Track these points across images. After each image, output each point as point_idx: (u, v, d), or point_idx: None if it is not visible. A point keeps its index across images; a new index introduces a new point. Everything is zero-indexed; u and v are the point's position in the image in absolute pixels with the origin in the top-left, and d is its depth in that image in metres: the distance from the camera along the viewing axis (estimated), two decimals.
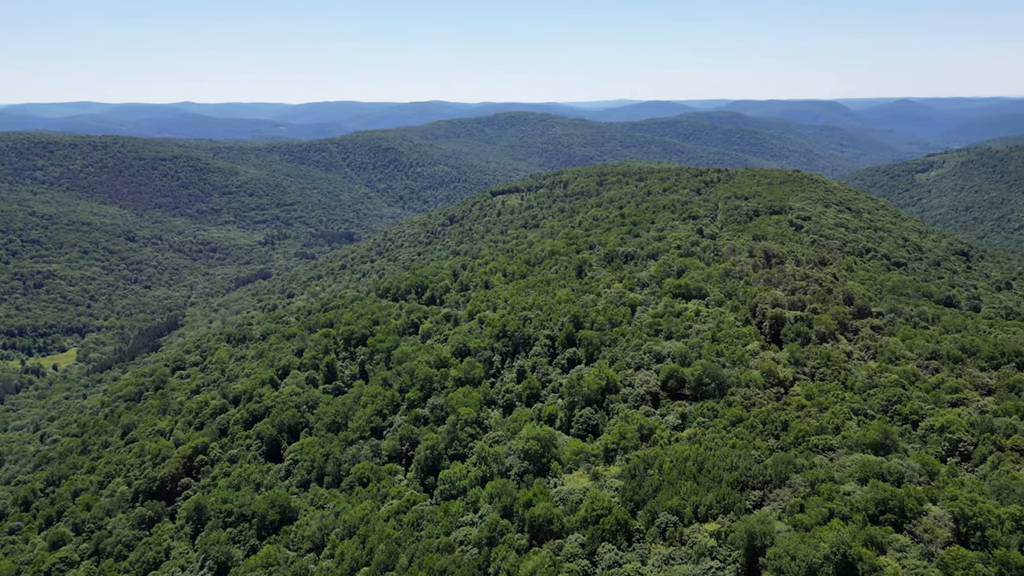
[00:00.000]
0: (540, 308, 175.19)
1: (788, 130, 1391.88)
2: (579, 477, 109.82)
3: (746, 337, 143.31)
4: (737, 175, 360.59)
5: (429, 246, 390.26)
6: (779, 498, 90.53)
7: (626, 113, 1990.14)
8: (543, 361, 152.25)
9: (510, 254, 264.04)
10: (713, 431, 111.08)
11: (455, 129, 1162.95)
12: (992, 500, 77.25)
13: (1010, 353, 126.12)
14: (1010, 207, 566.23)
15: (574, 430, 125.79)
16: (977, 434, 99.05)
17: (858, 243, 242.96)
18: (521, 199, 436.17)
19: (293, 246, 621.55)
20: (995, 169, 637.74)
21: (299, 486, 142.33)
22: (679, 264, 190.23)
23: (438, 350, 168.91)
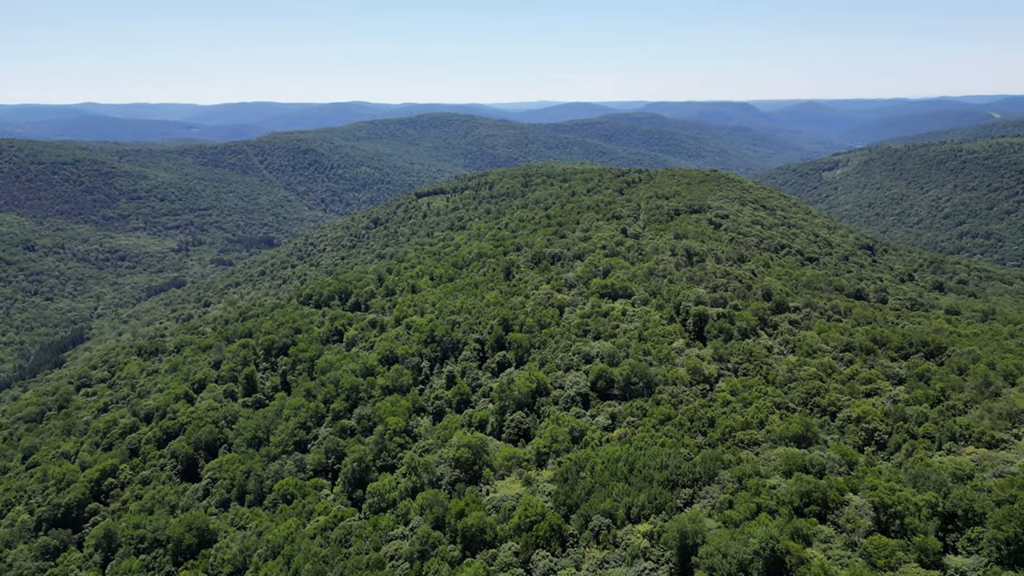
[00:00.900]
0: (469, 311, 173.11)
1: (704, 131, 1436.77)
2: (512, 483, 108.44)
3: (672, 335, 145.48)
4: (657, 175, 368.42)
5: (353, 250, 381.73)
6: (709, 495, 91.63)
7: (548, 114, 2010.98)
8: (473, 366, 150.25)
9: (437, 257, 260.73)
10: (643, 430, 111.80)
11: (377, 130, 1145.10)
12: (909, 488, 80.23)
13: (917, 343, 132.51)
14: (909, 203, 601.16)
15: (506, 435, 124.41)
16: (891, 423, 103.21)
17: (773, 240, 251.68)
18: (447, 201, 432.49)
19: (209, 252, 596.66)
20: (894, 167, 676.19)
21: (218, 506, 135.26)
22: (605, 264, 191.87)
23: (364, 358, 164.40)
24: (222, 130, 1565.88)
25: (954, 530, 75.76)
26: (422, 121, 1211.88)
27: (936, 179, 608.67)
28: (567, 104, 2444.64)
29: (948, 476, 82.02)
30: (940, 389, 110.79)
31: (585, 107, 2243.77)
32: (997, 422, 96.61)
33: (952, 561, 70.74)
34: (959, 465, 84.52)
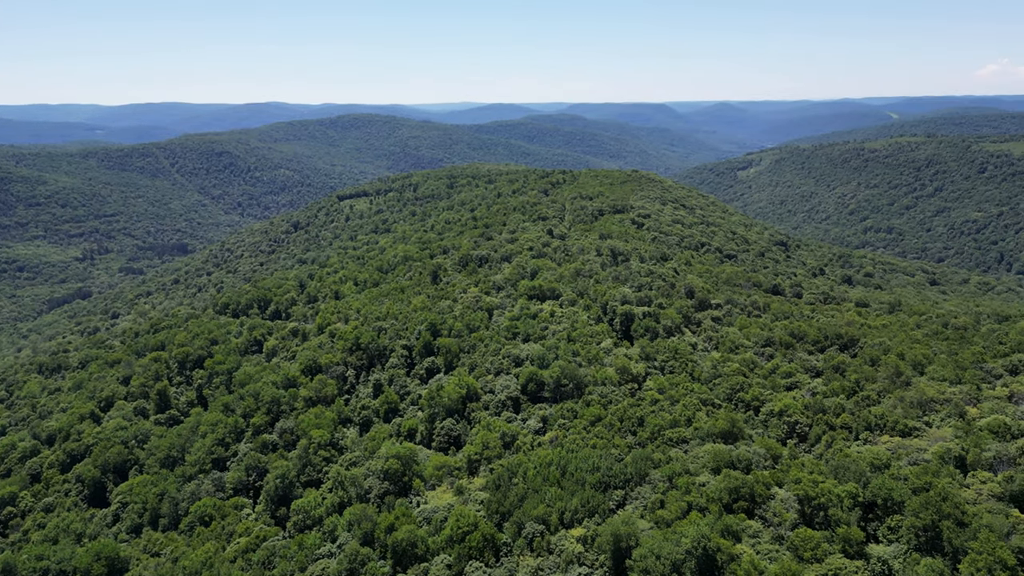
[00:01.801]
0: (395, 317, 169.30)
1: (624, 132, 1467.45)
2: (443, 493, 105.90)
3: (599, 335, 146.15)
4: (581, 176, 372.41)
5: (272, 255, 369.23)
6: (640, 496, 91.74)
7: (471, 116, 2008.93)
8: (400, 373, 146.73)
9: (361, 261, 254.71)
10: (574, 432, 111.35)
11: (296, 131, 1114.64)
12: (831, 479, 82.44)
13: (832, 336, 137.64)
14: (817, 200, 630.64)
15: (436, 443, 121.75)
16: (811, 415, 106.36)
17: (694, 238, 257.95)
18: (370, 203, 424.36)
19: (117, 261, 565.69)
20: (803, 165, 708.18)
21: (130, 532, 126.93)
22: (532, 266, 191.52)
23: (285, 369, 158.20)
24: (129, 132, 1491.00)
25: (874, 519, 78.25)
26: (343, 122, 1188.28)
27: (841, 177, 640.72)
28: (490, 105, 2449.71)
29: (867, 466, 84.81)
30: (855, 380, 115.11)
31: (508, 108, 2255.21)
32: (909, 411, 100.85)
33: (874, 550, 72.88)
34: (876, 455, 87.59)
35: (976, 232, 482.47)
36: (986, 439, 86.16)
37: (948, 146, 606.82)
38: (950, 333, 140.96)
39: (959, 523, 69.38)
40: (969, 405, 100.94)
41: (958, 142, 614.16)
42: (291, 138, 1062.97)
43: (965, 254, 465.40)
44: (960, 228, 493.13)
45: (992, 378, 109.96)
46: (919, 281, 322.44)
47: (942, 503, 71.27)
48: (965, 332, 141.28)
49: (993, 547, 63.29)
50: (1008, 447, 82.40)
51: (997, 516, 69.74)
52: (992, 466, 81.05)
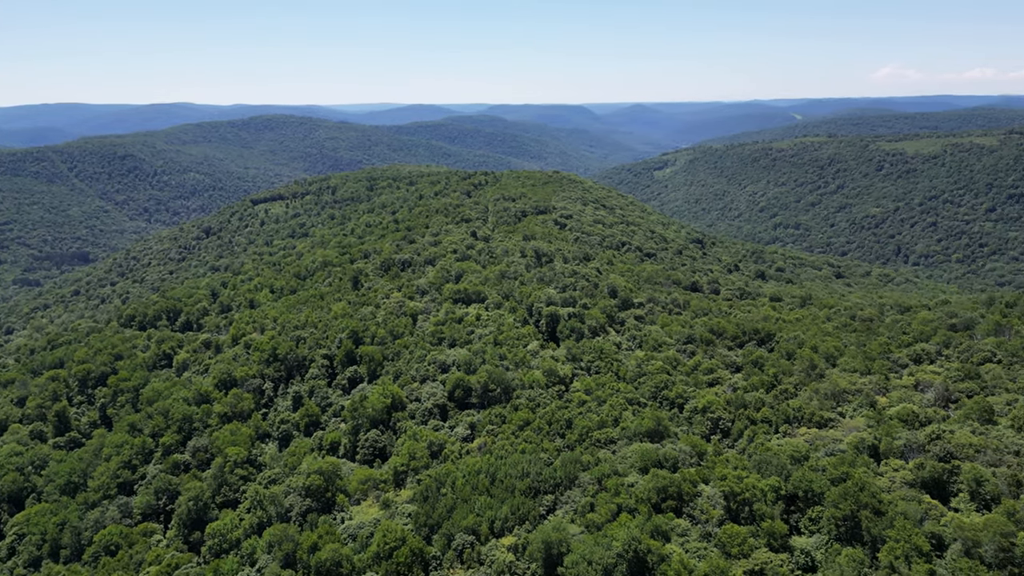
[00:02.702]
0: (315, 325, 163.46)
1: (544, 133, 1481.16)
2: (369, 507, 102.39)
3: (526, 337, 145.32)
4: (503, 177, 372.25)
5: (183, 263, 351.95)
6: (570, 500, 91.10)
7: (391, 116, 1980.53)
8: (322, 384, 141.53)
9: (277, 268, 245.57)
10: (502, 438, 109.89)
11: (206, 133, 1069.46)
12: (754, 474, 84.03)
13: (750, 332, 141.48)
14: (730, 198, 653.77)
15: (360, 456, 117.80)
16: (733, 411, 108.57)
17: (615, 238, 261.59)
18: (286, 207, 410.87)
19: (11, 272, 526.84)
20: (716, 165, 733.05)
21: (27, 567, 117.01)
22: (457, 268, 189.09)
23: (197, 383, 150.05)
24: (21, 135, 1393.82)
25: (796, 511, 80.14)
26: (256, 123, 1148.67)
27: (752, 176, 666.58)
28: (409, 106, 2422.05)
29: (787, 459, 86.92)
30: (773, 374, 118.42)
31: (427, 109, 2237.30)
32: (824, 402, 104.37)
33: (797, 542, 74.56)
34: (796, 447, 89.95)
35: (875, 226, 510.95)
36: (896, 427, 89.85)
37: (848, 145, 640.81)
38: (858, 325, 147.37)
39: (876, 512, 71.70)
40: (879, 395, 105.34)
41: (857, 142, 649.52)
42: (201, 140, 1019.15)
43: (866, 247, 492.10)
44: (861, 223, 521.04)
45: (899, 367, 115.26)
46: (826, 274, 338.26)
47: (859, 493, 73.53)
48: (871, 324, 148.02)
49: (909, 534, 65.58)
50: (917, 435, 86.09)
51: (911, 503, 72.49)
52: (903, 454, 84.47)
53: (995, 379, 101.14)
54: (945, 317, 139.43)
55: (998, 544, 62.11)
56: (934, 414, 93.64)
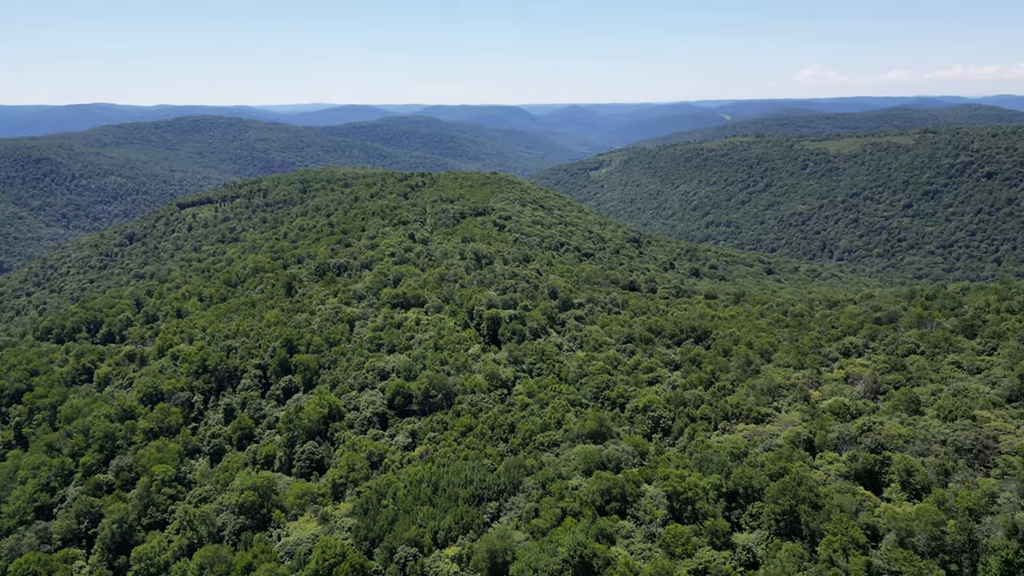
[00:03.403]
0: (247, 334, 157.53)
1: (481, 134, 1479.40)
2: (306, 523, 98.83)
3: (467, 341, 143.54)
4: (441, 178, 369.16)
5: (104, 271, 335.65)
6: (515, 506, 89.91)
7: (324, 117, 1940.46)
8: (255, 395, 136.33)
9: (206, 274, 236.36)
10: (445, 445, 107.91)
11: (128, 135, 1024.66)
12: (696, 472, 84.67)
13: (687, 329, 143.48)
14: (664, 197, 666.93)
15: (297, 469, 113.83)
16: (673, 409, 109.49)
17: (553, 238, 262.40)
18: (215, 211, 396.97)
19: None
20: (650, 165, 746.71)
21: None
22: (395, 272, 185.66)
23: (121, 398, 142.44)
24: None
25: (737, 507, 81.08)
26: (182, 124, 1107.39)
27: (684, 175, 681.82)
28: (343, 107, 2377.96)
29: (727, 456, 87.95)
30: (711, 371, 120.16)
31: (362, 110, 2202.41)
32: (760, 398, 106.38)
33: (739, 539, 75.34)
34: (735, 444, 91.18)
35: (802, 223, 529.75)
36: (829, 421, 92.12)
37: (775, 145, 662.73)
38: (789, 320, 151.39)
39: (814, 506, 73.07)
40: (812, 388, 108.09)
41: (783, 141, 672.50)
42: (123, 142, 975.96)
43: (794, 244, 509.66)
44: (788, 220, 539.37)
45: (829, 361, 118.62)
46: (757, 271, 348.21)
47: (797, 488, 74.82)
48: (802, 319, 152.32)
49: (846, 527, 66.95)
50: (849, 427, 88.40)
51: (846, 495, 74.17)
52: (837, 446, 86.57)
53: (919, 370, 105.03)
54: (870, 311, 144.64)
55: (930, 533, 64.00)
56: (864, 406, 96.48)
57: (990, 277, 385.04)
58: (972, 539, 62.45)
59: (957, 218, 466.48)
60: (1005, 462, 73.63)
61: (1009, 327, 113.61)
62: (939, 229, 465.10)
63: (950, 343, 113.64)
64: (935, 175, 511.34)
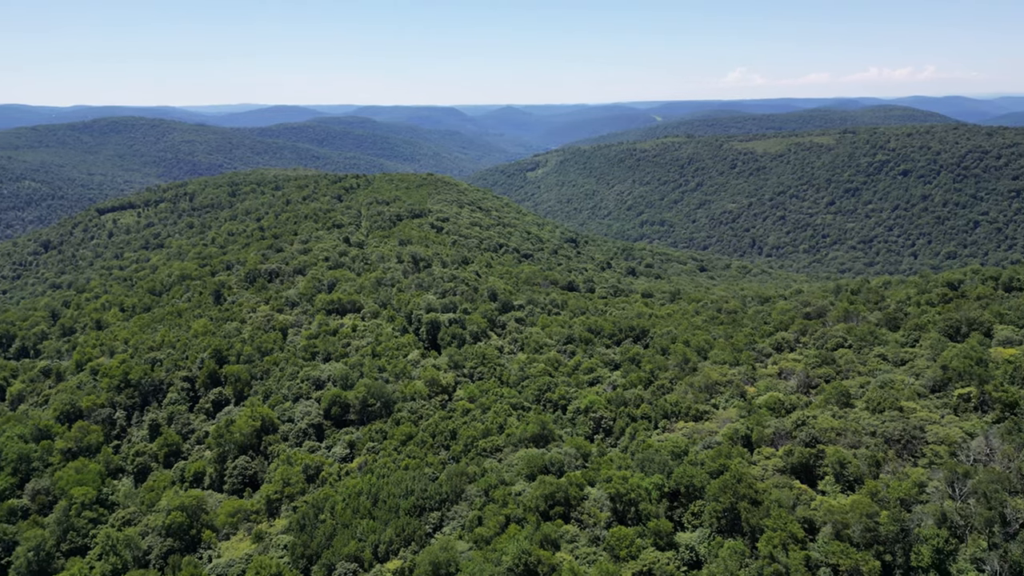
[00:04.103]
0: (172, 345, 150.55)
1: (416, 134, 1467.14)
2: (240, 542, 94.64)
3: (406, 347, 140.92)
4: (376, 180, 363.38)
5: (17, 281, 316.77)
6: (458, 515, 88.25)
7: (253, 118, 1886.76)
8: (182, 409, 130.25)
9: (129, 283, 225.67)
10: (384, 455, 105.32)
11: (43, 137, 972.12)
12: (638, 473, 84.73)
13: (625, 329, 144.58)
14: (600, 197, 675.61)
15: (229, 485, 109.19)
16: (614, 409, 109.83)
17: (492, 240, 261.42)
18: (139, 216, 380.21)
19: None
20: (585, 165, 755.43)
21: None
22: (329, 277, 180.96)
23: (36, 417, 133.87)
24: None
25: (680, 506, 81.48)
26: (100, 126, 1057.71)
27: (618, 175, 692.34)
28: (273, 107, 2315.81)
29: (668, 455, 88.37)
30: (650, 370, 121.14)
31: (293, 110, 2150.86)
32: (698, 395, 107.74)
33: (681, 538, 75.58)
34: (675, 443, 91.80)
35: (732, 221, 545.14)
36: (765, 416, 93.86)
37: (705, 145, 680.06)
38: (724, 317, 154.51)
39: (753, 502, 73.97)
40: (747, 384, 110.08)
41: (712, 142, 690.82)
42: (37, 144, 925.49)
43: (725, 241, 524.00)
44: (719, 218, 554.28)
45: (763, 357, 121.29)
46: (691, 269, 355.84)
47: (737, 485, 75.62)
48: (736, 315, 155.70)
49: (785, 522, 67.96)
50: (784, 422, 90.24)
51: (783, 490, 75.44)
52: (773, 441, 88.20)
53: (848, 363, 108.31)
54: (800, 306, 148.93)
55: (864, 525, 65.53)
56: (798, 400, 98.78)
57: (908, 270, 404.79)
58: (904, 529, 64.21)
59: (876, 214, 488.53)
60: (932, 452, 76.33)
61: (929, 319, 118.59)
62: (860, 225, 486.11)
63: (875, 336, 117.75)
64: (855, 173, 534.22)
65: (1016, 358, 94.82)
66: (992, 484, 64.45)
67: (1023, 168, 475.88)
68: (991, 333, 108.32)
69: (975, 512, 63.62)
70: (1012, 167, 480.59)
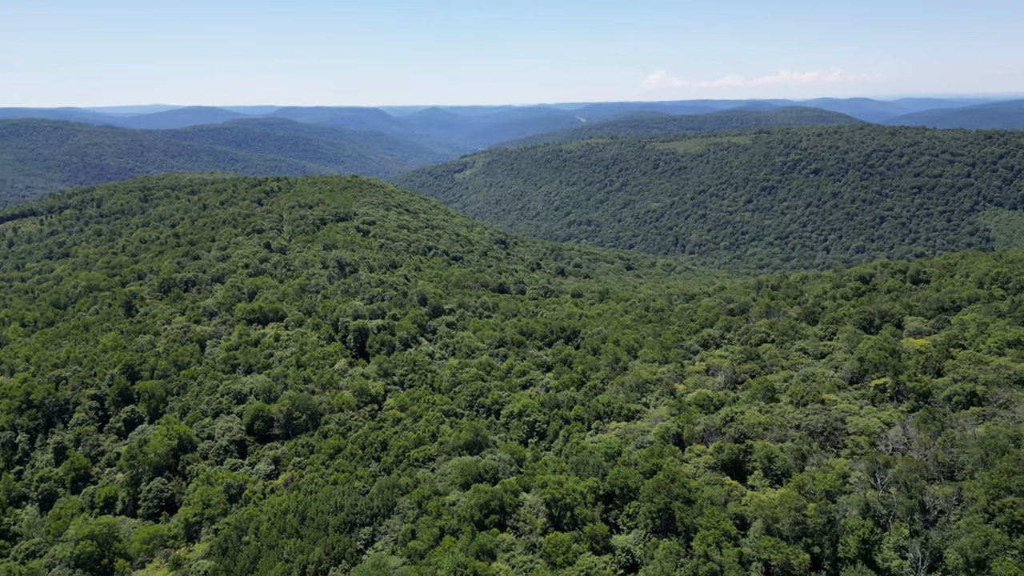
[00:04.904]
0: (79, 362, 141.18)
1: (340, 136, 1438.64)
2: (156, 570, 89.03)
3: (332, 356, 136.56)
4: (298, 183, 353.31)
5: None
6: (390, 529, 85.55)
7: (166, 120, 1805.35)
8: (91, 429, 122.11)
9: (31, 296, 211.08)
10: (311, 470, 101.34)
11: None
12: (574, 477, 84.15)
13: (557, 330, 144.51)
14: (528, 198, 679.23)
15: (143, 510, 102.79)
16: (548, 412, 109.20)
17: (420, 242, 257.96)
18: (41, 224, 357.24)
19: None
20: (512, 167, 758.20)
21: None
22: (250, 285, 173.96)
23: None
24: None
25: (615, 508, 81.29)
26: None
27: (545, 176, 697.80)
28: (188, 108, 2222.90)
29: (602, 457, 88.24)
30: (582, 371, 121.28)
31: (209, 111, 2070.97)
32: (630, 395, 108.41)
33: (617, 541, 75.33)
34: (609, 444, 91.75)
35: (656, 220, 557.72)
36: (695, 413, 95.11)
37: (628, 146, 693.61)
38: (652, 316, 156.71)
39: (687, 501, 74.42)
40: (677, 382, 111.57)
41: (635, 142, 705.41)
42: None
43: (650, 240, 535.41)
44: (644, 217, 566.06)
45: (691, 354, 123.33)
46: (618, 268, 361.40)
47: (671, 484, 75.94)
48: (663, 313, 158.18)
49: (718, 520, 68.56)
50: (713, 418, 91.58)
51: (715, 487, 76.26)
52: (703, 438, 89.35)
53: (772, 358, 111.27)
54: (724, 303, 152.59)
55: (793, 518, 66.78)
56: (726, 397, 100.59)
57: (821, 264, 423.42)
58: (831, 520, 65.74)
59: (791, 211, 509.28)
60: (853, 442, 78.77)
61: (845, 312, 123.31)
62: (776, 222, 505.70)
63: (796, 330, 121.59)
64: (770, 172, 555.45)
65: (926, 348, 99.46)
66: (911, 473, 66.79)
67: (923, 166, 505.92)
68: (902, 324, 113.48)
69: (896, 501, 65.72)
70: (913, 165, 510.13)
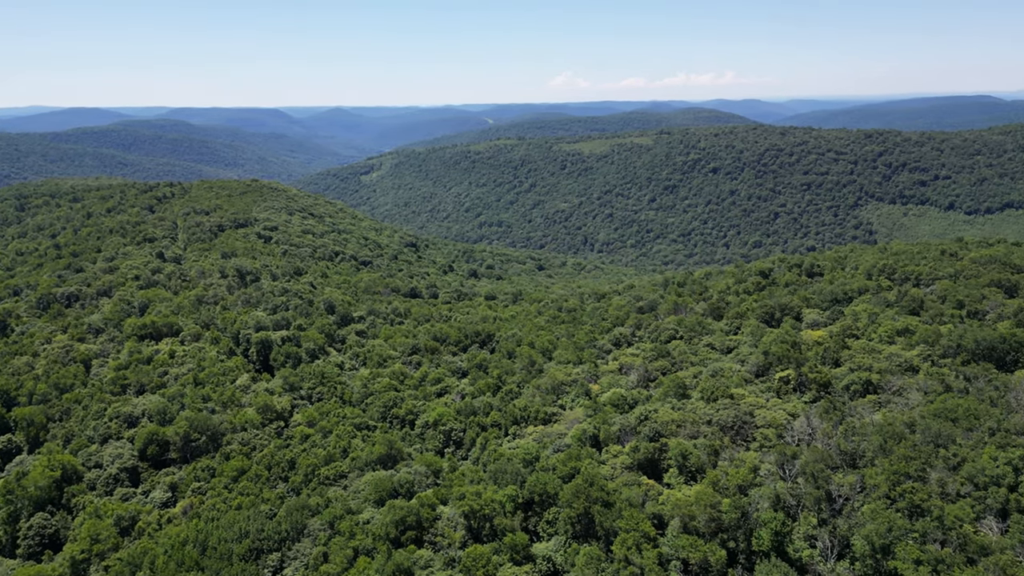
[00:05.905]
0: None
1: (238, 138, 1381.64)
2: None
3: (234, 371, 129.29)
4: (193, 188, 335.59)
5: None
6: (300, 553, 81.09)
7: (44, 122, 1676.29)
8: None
9: None
10: (213, 495, 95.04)
11: None
12: (492, 486, 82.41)
13: (471, 334, 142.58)
14: (438, 200, 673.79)
15: (23, 550, 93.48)
16: (464, 419, 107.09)
17: (327, 248, 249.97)
18: None
19: None
20: (420, 168, 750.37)
21: None
22: (140, 298, 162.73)
23: None
24: None
25: (534, 515, 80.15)
26: None
27: (455, 177, 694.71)
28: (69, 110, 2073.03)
29: (520, 463, 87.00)
30: (497, 376, 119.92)
31: (93, 113, 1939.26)
32: (546, 397, 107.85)
33: (538, 549, 74.18)
34: (527, 449, 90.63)
35: (565, 220, 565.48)
36: (610, 413, 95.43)
37: (536, 147, 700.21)
38: (565, 316, 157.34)
39: (606, 504, 74.07)
40: (591, 382, 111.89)
41: (542, 143, 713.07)
42: None
43: (560, 239, 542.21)
44: (553, 217, 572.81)
45: (604, 353, 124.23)
46: (530, 268, 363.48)
47: (589, 488, 75.42)
48: (576, 313, 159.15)
49: (636, 522, 68.47)
50: (628, 418, 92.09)
51: (632, 488, 76.39)
52: (619, 438, 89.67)
53: (681, 354, 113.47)
54: (633, 301, 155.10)
55: (708, 515, 67.58)
56: (639, 395, 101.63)
57: (722, 260, 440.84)
58: (744, 514, 66.90)
59: (692, 209, 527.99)
60: (762, 435, 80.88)
61: (748, 307, 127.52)
62: (679, 220, 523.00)
63: (703, 326, 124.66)
64: (672, 171, 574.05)
65: (824, 339, 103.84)
66: (816, 463, 68.93)
67: (811, 164, 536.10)
68: (801, 317, 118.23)
69: (804, 491, 67.63)
70: (802, 163, 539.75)
